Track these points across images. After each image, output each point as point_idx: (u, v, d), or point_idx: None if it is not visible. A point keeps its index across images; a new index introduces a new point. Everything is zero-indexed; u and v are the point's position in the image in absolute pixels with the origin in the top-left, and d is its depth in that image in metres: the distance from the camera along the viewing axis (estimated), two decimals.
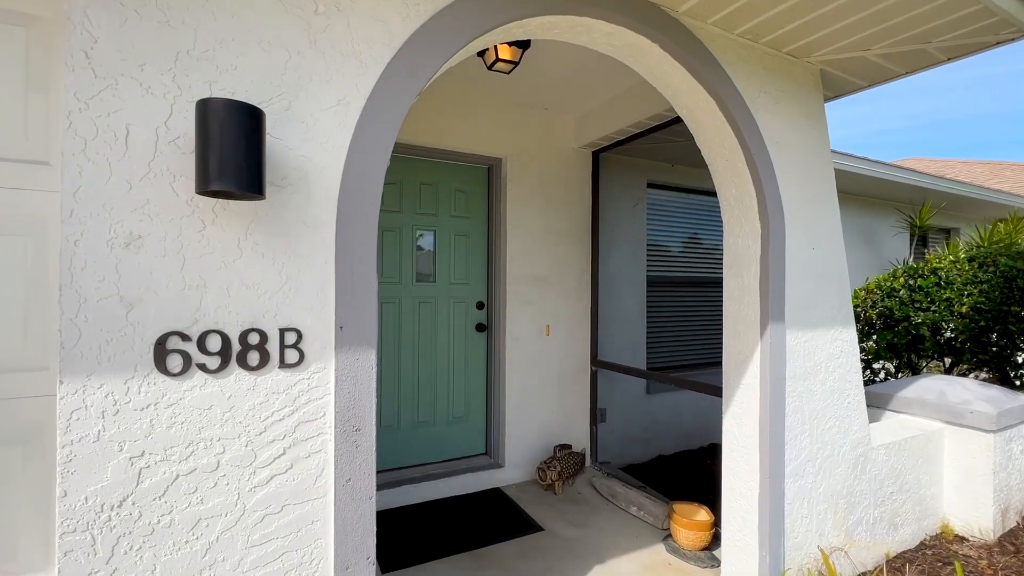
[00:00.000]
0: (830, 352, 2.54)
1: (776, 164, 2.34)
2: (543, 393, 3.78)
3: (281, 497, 1.35)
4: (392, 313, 3.46)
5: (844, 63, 2.49)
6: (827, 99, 2.74)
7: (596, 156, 3.97)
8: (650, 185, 4.45)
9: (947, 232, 7.25)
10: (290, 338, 1.37)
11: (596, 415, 3.97)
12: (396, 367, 3.47)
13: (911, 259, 5.71)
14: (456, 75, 3.15)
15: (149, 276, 1.22)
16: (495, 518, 3.11)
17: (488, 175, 3.77)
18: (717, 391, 2.69)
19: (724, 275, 2.51)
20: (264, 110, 1.33)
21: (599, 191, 3.99)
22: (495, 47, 2.71)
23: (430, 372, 3.58)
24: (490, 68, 2.85)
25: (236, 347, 1.30)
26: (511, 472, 3.64)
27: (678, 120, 3.17)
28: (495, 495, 3.44)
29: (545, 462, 3.50)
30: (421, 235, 3.56)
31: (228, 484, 1.29)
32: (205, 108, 1.10)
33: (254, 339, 1.32)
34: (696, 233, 4.82)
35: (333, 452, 1.40)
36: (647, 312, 4.40)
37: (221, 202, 1.28)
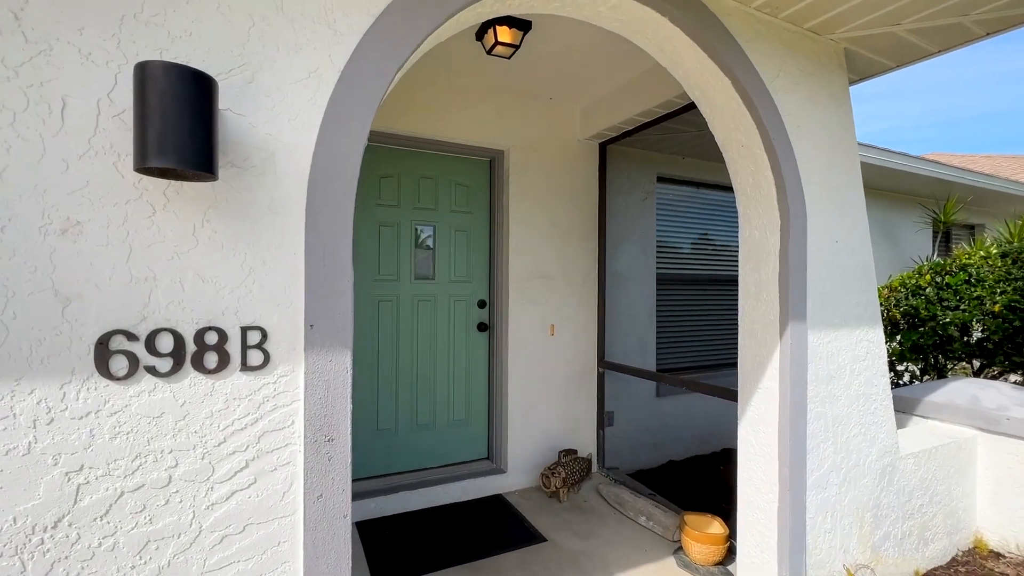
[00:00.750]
0: (855, 354, 2.35)
1: (796, 150, 2.16)
2: (548, 395, 3.62)
3: (243, 515, 1.21)
4: (390, 312, 3.32)
5: (870, 40, 2.30)
6: (851, 82, 2.54)
7: (603, 148, 3.80)
8: (660, 179, 4.27)
9: (971, 228, 6.96)
10: (253, 337, 1.22)
11: (603, 419, 3.80)
12: (394, 368, 3.33)
13: (935, 256, 5.45)
14: (455, 63, 3.00)
15: (89, 267, 1.08)
16: (496, 527, 2.95)
17: (490, 168, 3.62)
18: (732, 395, 2.51)
19: (740, 271, 2.33)
20: (222, 81, 1.18)
21: (606, 185, 3.82)
22: (494, 29, 2.55)
23: (429, 373, 3.44)
24: (489, 52, 2.69)
25: (191, 348, 1.16)
26: (513, 478, 3.49)
27: (690, 107, 3.00)
28: (496, 502, 3.28)
29: (549, 468, 3.33)
30: (420, 231, 3.42)
31: (182, 501, 1.15)
32: (143, 73, 0.96)
33: (212, 339, 1.18)
34: (709, 229, 4.62)
35: (303, 465, 1.26)
36: (657, 311, 4.22)
37: (174, 185, 1.14)
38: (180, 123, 0.97)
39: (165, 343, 1.14)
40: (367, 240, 3.24)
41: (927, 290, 3.69)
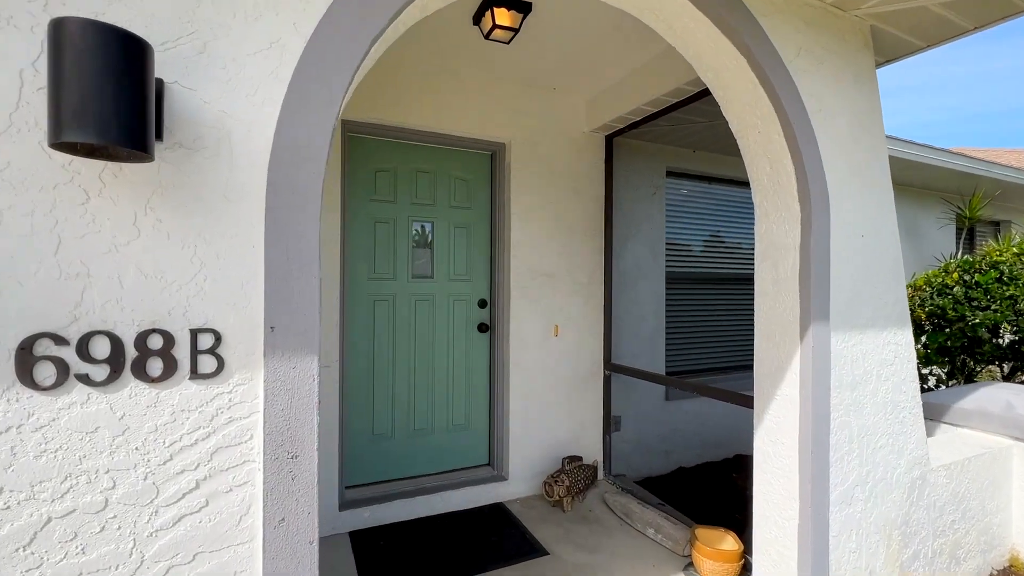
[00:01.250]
0: (882, 358, 2.16)
1: (819, 136, 1.98)
2: (551, 399, 3.46)
3: (193, 543, 1.07)
4: (386, 312, 3.18)
5: (899, 16, 2.11)
6: (877, 64, 2.35)
7: (609, 141, 3.63)
8: (669, 173, 4.09)
9: (996, 225, 6.67)
10: (205, 341, 1.08)
11: (610, 423, 3.63)
12: (390, 370, 3.19)
13: (959, 254, 5.21)
14: (452, 50, 2.86)
15: (10, 262, 0.94)
16: (496, 539, 2.80)
17: (491, 162, 3.46)
18: (747, 402, 2.33)
19: (756, 268, 2.16)
20: (168, 51, 1.04)
21: (613, 179, 3.65)
22: (492, 12, 2.40)
23: (428, 376, 3.30)
24: (487, 37, 2.54)
25: (131, 353, 1.02)
26: (515, 486, 3.33)
27: (701, 95, 2.82)
28: (497, 512, 3.13)
29: (552, 476, 3.17)
30: (417, 227, 3.27)
31: (120, 528, 1.01)
32: (58, 32, 0.82)
33: (156, 343, 1.04)
34: (721, 225, 4.43)
35: (262, 485, 1.11)
36: (666, 311, 4.04)
37: (111, 167, 1.00)
38: (102, 91, 0.82)
39: (100, 348, 1.00)
40: (362, 237, 3.10)
41: (955, 289, 3.47)
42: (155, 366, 1.04)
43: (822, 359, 1.96)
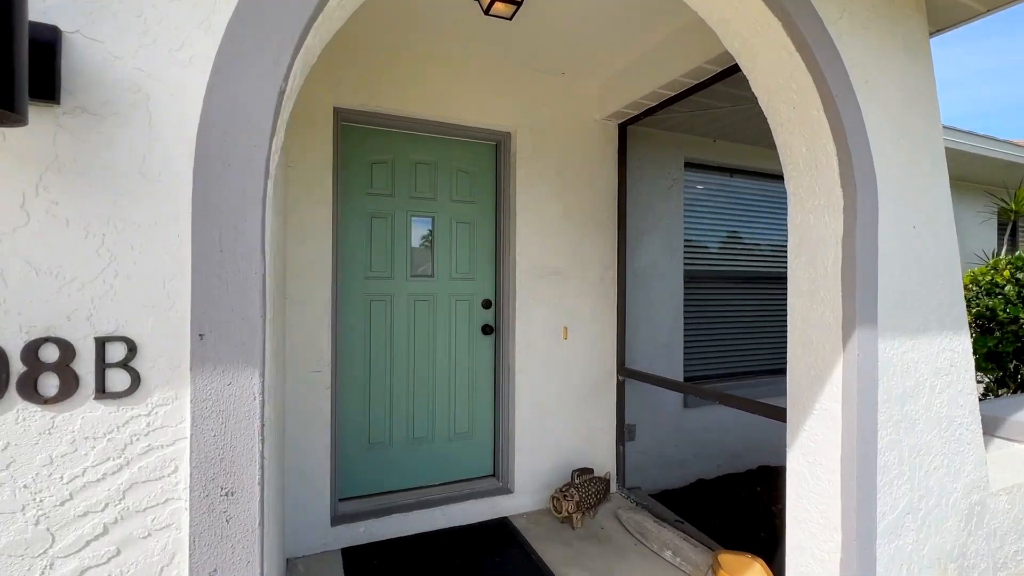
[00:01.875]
0: (936, 367, 1.89)
1: (865, 111, 1.71)
2: (560, 406, 3.22)
3: None
4: (383, 312, 2.98)
5: None
6: (929, 34, 2.07)
7: (623, 129, 3.38)
8: (688, 164, 3.82)
9: None
10: (115, 352, 0.88)
11: (623, 433, 3.38)
12: (387, 374, 2.99)
13: (1003, 251, 4.83)
14: (451, 30, 2.64)
15: None
16: (499, 559, 2.58)
17: (495, 152, 3.24)
18: (779, 414, 2.08)
19: (789, 264, 1.90)
20: None
21: (627, 171, 3.40)
22: None
23: (428, 381, 3.09)
24: (487, 12, 2.32)
25: (17, 367, 0.82)
26: (522, 499, 3.11)
27: (724, 75, 2.56)
28: (502, 528, 2.91)
29: (561, 490, 2.94)
30: (417, 222, 3.06)
31: None
32: None
33: (51, 354, 0.84)
34: (744, 220, 4.14)
35: (189, 529, 0.91)
36: (685, 312, 3.77)
37: None
38: None
39: None
40: (357, 233, 2.90)
41: (1006, 288, 3.15)
42: (49, 383, 0.84)
43: (868, 368, 1.70)
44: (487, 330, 3.19)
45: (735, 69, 2.49)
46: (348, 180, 2.87)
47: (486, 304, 3.22)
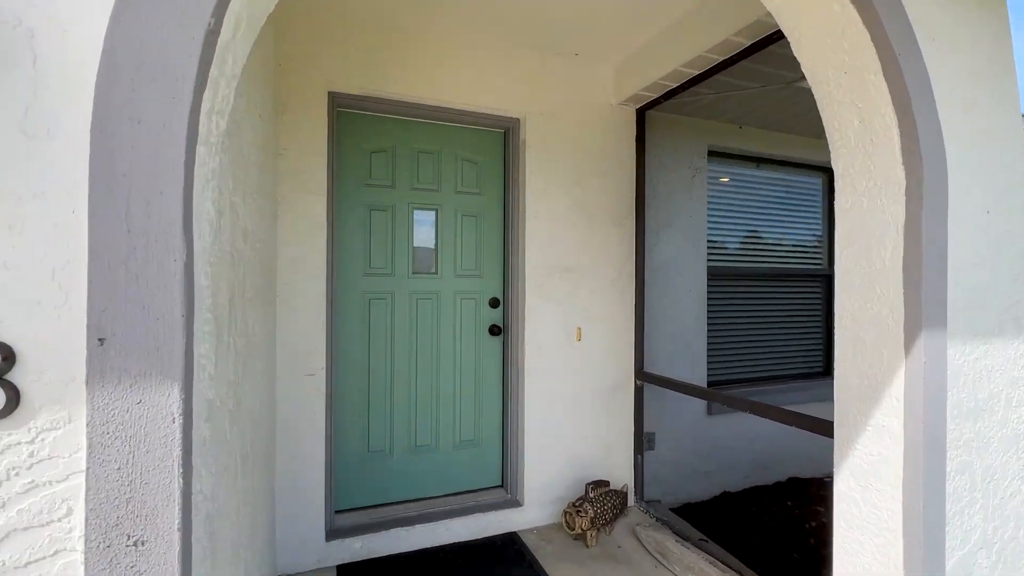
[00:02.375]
0: (1013, 376, 1.61)
1: (933, 75, 1.45)
2: (573, 413, 2.99)
3: None
4: (383, 312, 2.78)
5: None
6: None
7: (641, 114, 3.14)
8: (712, 153, 3.56)
9: None
10: None
11: (642, 441, 3.14)
12: (388, 378, 2.79)
13: None
14: (459, 11, 2.43)
15: None
16: None
17: (504, 140, 3.02)
18: (824, 428, 1.82)
19: (837, 255, 1.64)
20: None
21: (645, 160, 3.16)
22: None
23: (431, 385, 2.88)
24: None
25: None
26: (532, 512, 2.88)
27: (755, 48, 2.31)
28: (509, 544, 2.69)
29: (574, 504, 2.71)
30: (420, 216, 2.86)
31: None
32: None
33: None
34: (772, 213, 3.86)
35: None
36: (708, 311, 3.51)
37: None
38: None
39: None
40: (355, 227, 2.71)
41: None
42: None
43: (936, 378, 1.44)
44: (495, 330, 2.97)
45: (767, 41, 2.25)
46: (345, 170, 2.67)
47: (494, 303, 3.00)
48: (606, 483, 2.90)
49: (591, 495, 2.75)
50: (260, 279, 1.88)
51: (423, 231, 2.87)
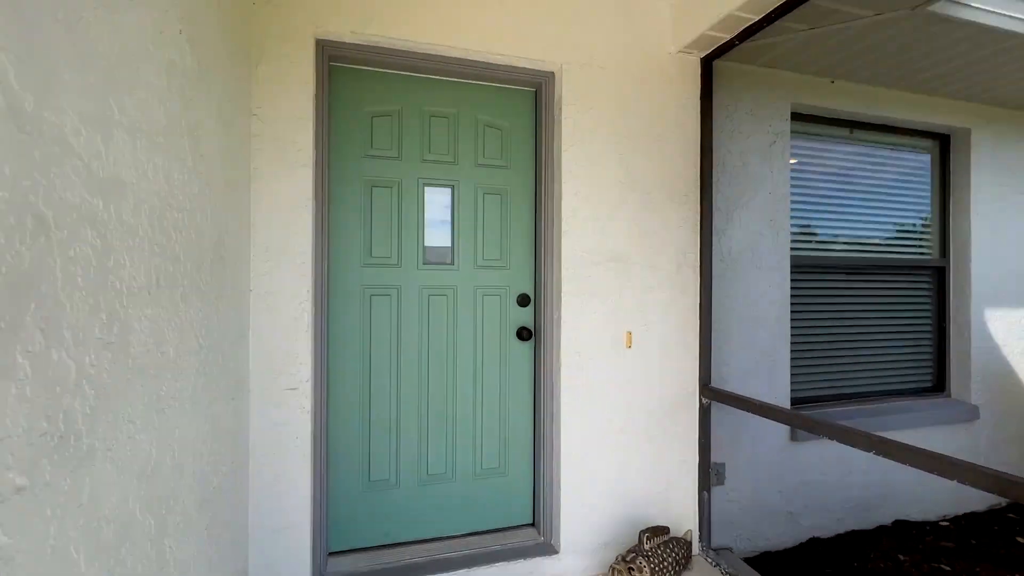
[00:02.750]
0: None
1: None
2: (622, 437, 2.40)
3: None
4: (386, 311, 2.29)
5: None
6: None
7: (707, 65, 2.50)
8: (796, 116, 2.88)
9: None
10: None
11: (709, 474, 2.50)
12: (393, 392, 2.29)
13: None
14: None
15: None
16: None
17: (534, 101, 2.47)
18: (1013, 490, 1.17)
19: None
20: None
21: (713, 123, 2.52)
22: None
23: (445, 401, 2.36)
24: None
25: None
26: (570, 561, 2.31)
27: None
28: None
29: (624, 560, 2.12)
30: (432, 193, 2.35)
31: None
32: None
33: None
34: (868, 189, 3.12)
35: None
36: (792, 313, 2.83)
37: None
38: None
39: None
40: (353, 207, 2.23)
41: None
42: None
43: None
44: (524, 334, 2.42)
45: None
46: (339, 137, 2.19)
47: (523, 300, 2.45)
48: (665, 529, 2.29)
49: (646, 547, 2.15)
50: (194, 262, 1.41)
51: (436, 212, 2.35)
